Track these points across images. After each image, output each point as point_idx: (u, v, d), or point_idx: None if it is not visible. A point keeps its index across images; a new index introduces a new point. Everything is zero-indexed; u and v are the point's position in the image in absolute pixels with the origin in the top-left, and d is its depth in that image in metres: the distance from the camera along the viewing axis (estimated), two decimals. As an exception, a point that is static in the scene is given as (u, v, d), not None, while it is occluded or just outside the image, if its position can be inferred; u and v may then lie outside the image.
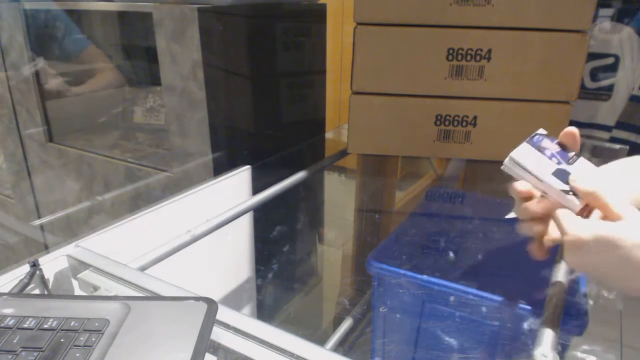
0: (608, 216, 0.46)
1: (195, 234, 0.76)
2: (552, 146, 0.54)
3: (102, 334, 0.42)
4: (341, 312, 1.01)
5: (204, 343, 0.42)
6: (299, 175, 1.00)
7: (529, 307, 0.65)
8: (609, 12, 1.30)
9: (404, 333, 0.80)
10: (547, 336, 0.50)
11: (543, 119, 0.92)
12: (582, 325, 0.63)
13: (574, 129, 0.53)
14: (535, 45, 0.88)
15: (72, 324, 0.43)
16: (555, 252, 0.60)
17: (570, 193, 0.50)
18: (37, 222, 1.68)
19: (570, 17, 0.85)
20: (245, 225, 1.03)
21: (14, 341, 0.41)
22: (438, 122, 0.96)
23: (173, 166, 1.27)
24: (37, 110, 1.58)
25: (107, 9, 1.39)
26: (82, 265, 0.60)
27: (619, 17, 1.27)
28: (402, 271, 0.75)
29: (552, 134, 0.56)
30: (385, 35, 0.90)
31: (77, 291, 0.60)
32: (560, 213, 0.49)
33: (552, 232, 0.53)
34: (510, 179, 0.54)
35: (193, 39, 1.09)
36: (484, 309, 0.78)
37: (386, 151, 1.01)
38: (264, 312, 1.05)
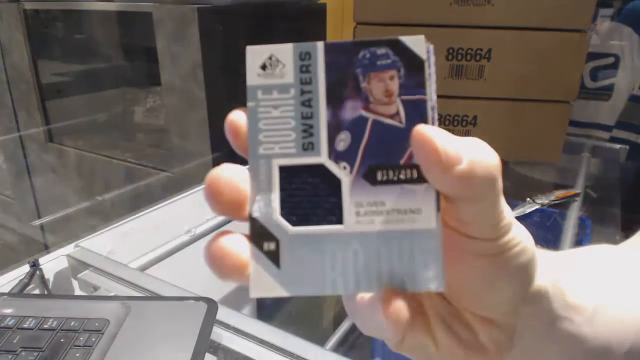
0: None
1: (195, 234, 0.76)
2: None
3: (102, 334, 0.42)
4: (341, 312, 1.01)
5: (204, 343, 0.42)
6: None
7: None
8: (609, 12, 1.30)
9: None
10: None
11: (543, 119, 0.92)
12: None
13: None
14: (535, 45, 0.87)
15: (72, 324, 0.43)
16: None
17: None
18: (37, 222, 1.68)
19: (570, 17, 0.85)
20: (245, 224, 1.03)
21: (14, 341, 0.41)
22: (438, 122, 0.96)
23: (173, 166, 1.27)
24: (37, 110, 1.58)
25: (107, 8, 1.39)
26: (82, 265, 0.60)
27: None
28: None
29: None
30: (385, 35, 0.90)
31: (77, 291, 0.60)
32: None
33: None
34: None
35: (193, 39, 1.09)
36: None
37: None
38: (264, 312, 1.05)
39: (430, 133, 0.16)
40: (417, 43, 0.18)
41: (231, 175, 0.17)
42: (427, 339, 0.22)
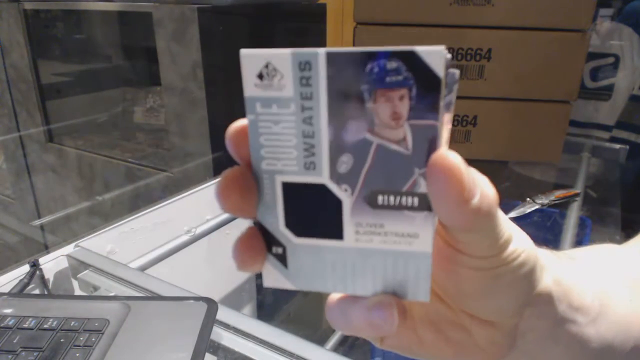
0: None
1: (195, 233, 0.76)
2: None
3: (102, 334, 0.42)
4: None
5: (204, 343, 0.42)
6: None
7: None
8: (609, 12, 1.30)
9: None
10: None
11: (543, 119, 0.92)
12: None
13: None
14: (535, 45, 0.87)
15: (72, 324, 0.43)
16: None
17: None
18: (37, 222, 1.68)
19: (570, 17, 0.85)
20: (245, 224, 1.03)
21: (14, 341, 0.41)
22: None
23: (173, 166, 1.27)
24: (37, 110, 1.58)
25: (107, 9, 1.39)
26: (82, 265, 0.60)
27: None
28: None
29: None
30: (385, 35, 0.90)
31: (77, 291, 0.60)
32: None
33: None
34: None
35: (193, 39, 1.09)
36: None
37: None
38: (264, 312, 1.05)
39: (457, 162, 0.16)
40: (435, 56, 0.15)
41: (240, 178, 0.18)
42: (409, 339, 0.22)
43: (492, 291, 0.20)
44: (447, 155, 0.16)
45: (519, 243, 0.19)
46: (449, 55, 0.16)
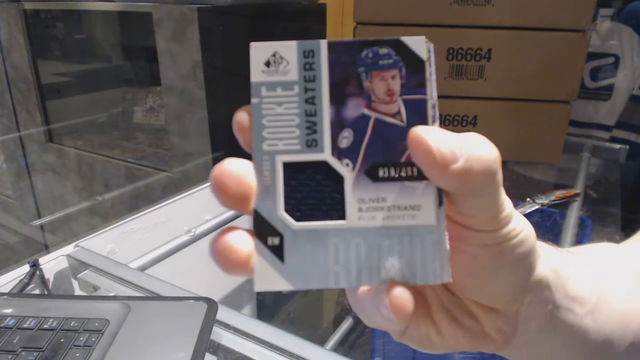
0: None
1: (195, 233, 0.76)
2: None
3: (102, 334, 0.42)
4: (341, 312, 1.01)
5: (204, 343, 0.42)
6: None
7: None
8: (609, 12, 1.30)
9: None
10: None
11: (543, 119, 0.92)
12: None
13: None
14: (535, 45, 0.87)
15: (72, 324, 0.43)
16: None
17: None
18: (37, 222, 1.68)
19: (570, 17, 0.85)
20: (245, 224, 1.02)
21: (14, 341, 0.41)
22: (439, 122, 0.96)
23: (173, 166, 1.27)
24: (37, 110, 1.58)
25: (107, 9, 1.39)
26: (82, 265, 0.60)
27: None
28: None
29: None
30: (385, 35, 0.90)
31: (77, 291, 0.60)
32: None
33: None
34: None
35: (193, 39, 1.09)
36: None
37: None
38: (264, 312, 1.05)
39: (424, 135, 0.17)
40: (417, 43, 0.18)
41: (236, 169, 0.18)
42: (429, 328, 0.22)
43: (493, 272, 0.20)
44: (418, 130, 0.17)
45: (519, 222, 0.20)
46: (430, 43, 0.18)
